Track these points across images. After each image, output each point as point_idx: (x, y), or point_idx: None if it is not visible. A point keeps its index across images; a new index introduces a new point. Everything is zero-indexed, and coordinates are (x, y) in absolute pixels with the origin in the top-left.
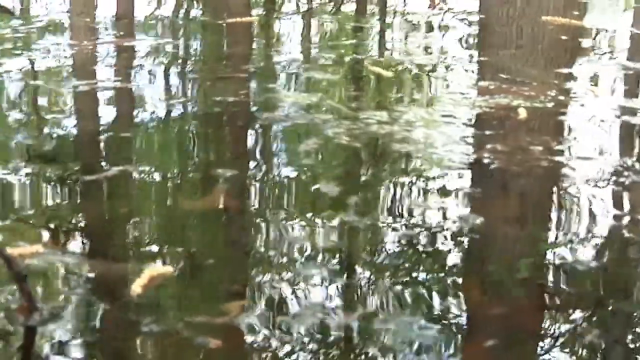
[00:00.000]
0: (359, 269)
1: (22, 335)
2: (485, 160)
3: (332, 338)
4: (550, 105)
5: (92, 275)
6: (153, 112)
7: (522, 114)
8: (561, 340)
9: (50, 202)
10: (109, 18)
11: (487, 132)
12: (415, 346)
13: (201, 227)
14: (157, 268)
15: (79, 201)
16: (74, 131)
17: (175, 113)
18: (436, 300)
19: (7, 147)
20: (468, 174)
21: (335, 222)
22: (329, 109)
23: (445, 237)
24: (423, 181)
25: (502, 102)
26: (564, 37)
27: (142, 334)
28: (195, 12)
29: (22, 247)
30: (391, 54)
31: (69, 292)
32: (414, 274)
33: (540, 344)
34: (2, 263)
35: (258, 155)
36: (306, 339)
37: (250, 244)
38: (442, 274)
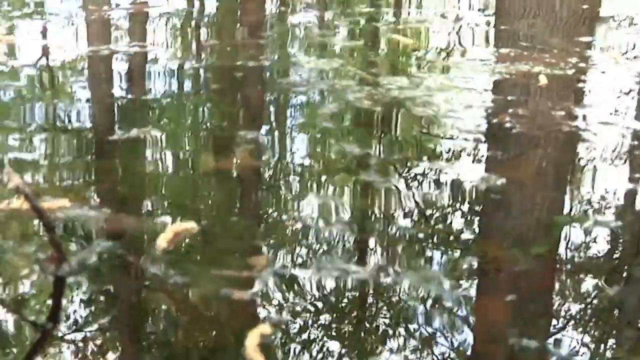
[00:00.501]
0: (378, 226)
1: (52, 285)
2: (507, 125)
3: (351, 292)
4: (570, 72)
5: (117, 229)
6: (172, 77)
7: (543, 80)
8: (576, 298)
9: (74, 162)
10: None
11: (508, 98)
12: (431, 301)
13: (224, 185)
14: (181, 223)
15: (103, 161)
16: (94, 95)
17: (195, 78)
18: (454, 257)
19: (27, 111)
20: (489, 137)
21: (355, 181)
22: (349, 75)
23: (465, 197)
24: (443, 143)
25: (522, 69)
26: (584, 6)
27: (168, 287)
28: None
29: (49, 201)
30: (409, 21)
31: (95, 245)
32: (433, 231)
33: (557, 301)
34: (32, 215)
35: (278, 118)
36: (326, 292)
37: (272, 201)
38: (461, 232)
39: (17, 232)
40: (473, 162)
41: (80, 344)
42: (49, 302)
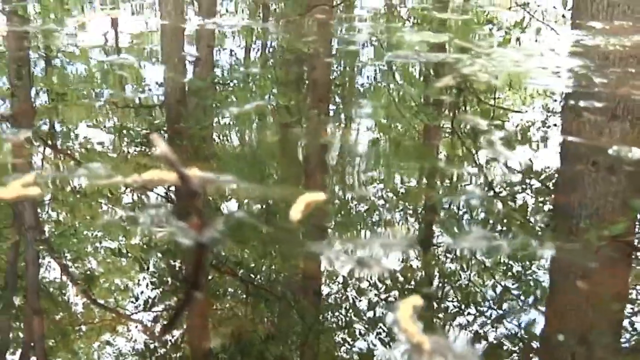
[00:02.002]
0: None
1: (194, 251)
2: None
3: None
4: None
5: (249, 198)
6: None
7: None
8: None
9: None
10: None
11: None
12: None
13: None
14: (311, 194)
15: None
16: (168, 75)
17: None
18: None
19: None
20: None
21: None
22: (458, 48)
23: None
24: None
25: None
26: None
27: (305, 254)
28: None
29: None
30: None
31: (231, 213)
32: (506, 203)
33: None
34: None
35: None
36: (473, 261)
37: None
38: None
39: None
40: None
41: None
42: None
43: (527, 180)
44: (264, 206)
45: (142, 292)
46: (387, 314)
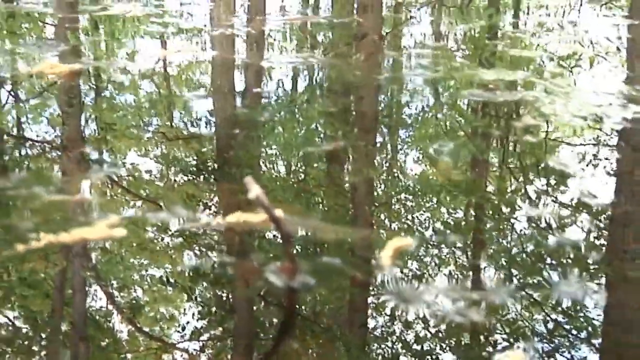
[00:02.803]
0: None
1: (284, 295)
2: None
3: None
4: None
5: (334, 240)
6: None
7: None
8: None
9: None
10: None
11: None
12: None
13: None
14: (399, 239)
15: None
16: (218, 106)
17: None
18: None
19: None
20: None
21: None
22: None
23: None
24: None
25: None
26: None
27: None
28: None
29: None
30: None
31: (318, 257)
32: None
33: None
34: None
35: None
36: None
37: None
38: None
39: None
40: None
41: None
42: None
43: (588, 215)
44: (348, 249)
45: (188, 322)
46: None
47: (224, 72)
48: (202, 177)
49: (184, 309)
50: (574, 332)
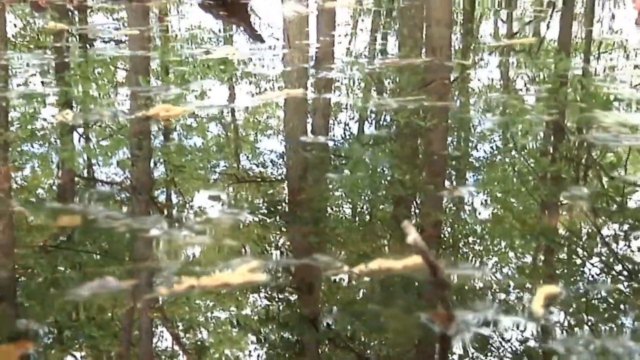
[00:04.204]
0: None
1: (438, 343)
2: None
3: None
4: None
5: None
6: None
7: None
8: None
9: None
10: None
11: None
12: None
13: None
14: (548, 287)
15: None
16: (281, 146)
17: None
18: None
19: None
20: None
21: None
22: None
23: None
24: None
25: None
26: None
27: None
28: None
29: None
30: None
31: (482, 305)
32: None
33: None
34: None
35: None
36: None
37: None
38: None
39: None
40: None
41: None
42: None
43: None
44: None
45: None
46: None
47: (295, 114)
48: (272, 218)
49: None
50: None
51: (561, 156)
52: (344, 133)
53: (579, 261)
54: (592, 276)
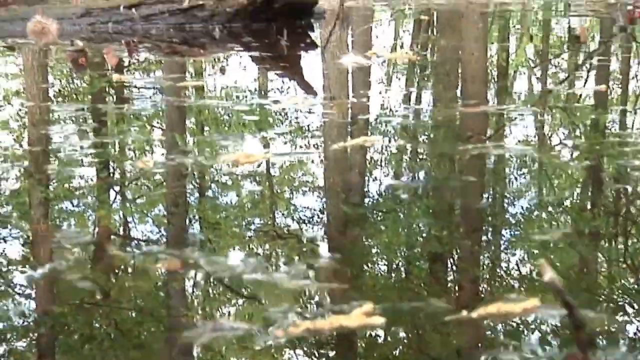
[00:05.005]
0: None
1: None
2: None
3: None
4: None
5: None
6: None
7: None
8: None
9: None
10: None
11: None
12: None
13: None
14: None
15: None
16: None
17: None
18: None
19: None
20: None
21: None
22: None
23: None
24: None
25: None
26: None
27: None
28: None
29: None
30: None
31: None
32: None
33: None
34: None
35: None
36: None
37: None
38: None
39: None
40: None
41: None
42: None
43: None
44: None
45: None
46: None
47: (334, 170)
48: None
49: None
50: None
51: (601, 211)
52: (380, 188)
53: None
54: None
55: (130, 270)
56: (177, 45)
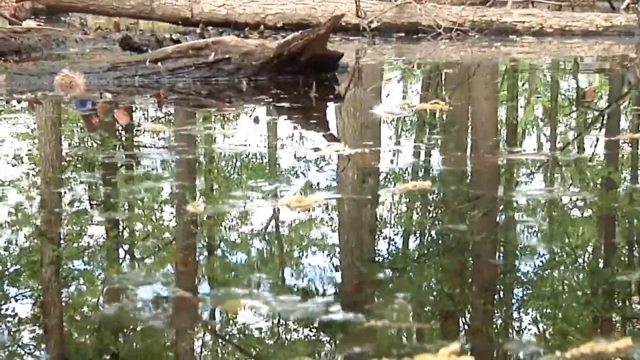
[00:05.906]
0: None
1: None
2: None
3: None
4: None
5: None
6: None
7: None
8: None
9: None
10: None
11: None
12: None
13: None
14: None
15: None
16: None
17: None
18: None
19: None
20: None
21: None
22: None
23: None
24: None
25: None
26: None
27: None
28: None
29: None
30: None
31: None
32: None
33: None
34: None
35: None
36: None
37: None
38: None
39: None
40: None
41: None
42: None
43: None
44: None
45: None
46: None
47: (349, 232)
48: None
49: None
50: None
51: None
52: (390, 248)
53: None
54: None
55: None
56: (204, 98)
